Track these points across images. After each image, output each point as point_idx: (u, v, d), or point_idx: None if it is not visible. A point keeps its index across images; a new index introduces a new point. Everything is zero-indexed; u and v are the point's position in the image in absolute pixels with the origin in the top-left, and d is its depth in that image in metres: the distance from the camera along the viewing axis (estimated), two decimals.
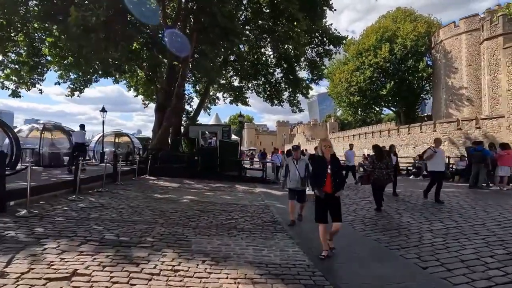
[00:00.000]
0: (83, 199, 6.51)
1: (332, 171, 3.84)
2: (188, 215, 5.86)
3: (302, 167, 5.66)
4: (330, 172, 3.83)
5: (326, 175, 3.82)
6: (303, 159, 5.93)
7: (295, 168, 5.64)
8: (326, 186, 3.81)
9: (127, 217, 5.38)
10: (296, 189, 5.70)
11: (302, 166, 5.67)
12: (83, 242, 3.79)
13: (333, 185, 3.81)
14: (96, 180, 8.54)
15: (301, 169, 5.63)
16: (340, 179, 3.94)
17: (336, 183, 3.83)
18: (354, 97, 41.18)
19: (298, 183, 5.61)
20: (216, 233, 4.76)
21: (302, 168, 5.65)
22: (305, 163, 5.71)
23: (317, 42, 18.77)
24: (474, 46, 32.47)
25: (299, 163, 5.69)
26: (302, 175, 5.60)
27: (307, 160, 5.89)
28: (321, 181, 3.84)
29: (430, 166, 7.87)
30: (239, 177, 14.45)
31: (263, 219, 6.06)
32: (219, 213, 6.32)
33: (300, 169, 5.64)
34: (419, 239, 4.63)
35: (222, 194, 9.32)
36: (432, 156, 7.61)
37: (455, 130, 23.86)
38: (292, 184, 5.69)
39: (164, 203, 6.99)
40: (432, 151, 7.65)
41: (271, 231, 5.09)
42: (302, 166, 5.68)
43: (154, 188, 9.41)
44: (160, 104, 17.28)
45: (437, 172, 7.65)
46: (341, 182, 3.94)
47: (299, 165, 5.67)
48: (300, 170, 5.62)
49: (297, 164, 5.68)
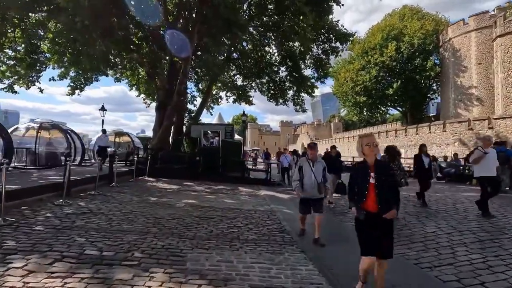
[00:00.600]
0: (71, 204, 5.92)
1: (378, 180, 2.74)
2: (185, 223, 5.25)
3: (320, 170, 4.63)
4: (374, 182, 2.75)
5: (367, 186, 2.75)
6: (320, 160, 4.85)
7: (311, 171, 4.58)
8: (367, 202, 2.73)
9: (117, 225, 4.77)
10: (312, 198, 4.63)
11: (319, 168, 4.64)
12: (57, 259, 3.19)
13: (378, 200, 2.69)
14: (89, 181, 7.97)
15: (318, 173, 4.60)
16: (391, 193, 2.77)
17: (384, 199, 2.70)
18: (359, 96, 40.37)
19: (314, 189, 4.56)
20: (216, 245, 4.13)
21: (319, 171, 4.63)
22: (322, 166, 4.72)
23: (323, 39, 18.07)
24: (484, 44, 31.57)
25: (315, 165, 4.64)
26: (319, 180, 4.58)
27: (324, 163, 4.86)
28: (360, 195, 2.79)
29: (479, 171, 6.37)
30: (242, 178, 13.84)
31: (269, 227, 5.42)
32: (220, 220, 5.70)
33: (317, 172, 4.60)
34: (452, 255, 3.97)
35: (224, 197, 8.70)
36: (481, 158, 6.20)
37: (466, 131, 23.01)
38: (308, 191, 4.58)
39: (161, 208, 6.38)
40: (481, 152, 6.24)
41: (279, 243, 4.45)
42: (320, 168, 4.65)
43: (152, 191, 8.82)
44: (161, 102, 16.71)
45: (488, 177, 6.22)
46: (393, 196, 2.78)
47: (316, 168, 4.62)
48: (317, 173, 4.58)
49: (313, 166, 4.63)
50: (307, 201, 4.67)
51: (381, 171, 2.81)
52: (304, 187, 4.58)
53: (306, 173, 4.60)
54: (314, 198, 4.64)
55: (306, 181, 4.59)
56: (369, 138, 2.99)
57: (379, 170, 2.81)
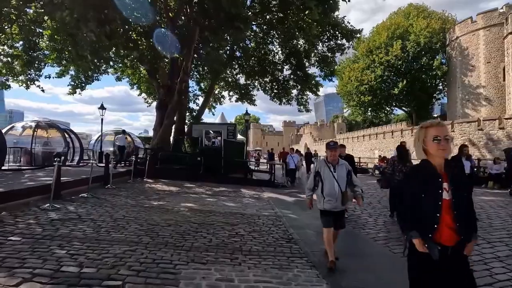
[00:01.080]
0: (58, 208, 5.44)
1: (456, 195, 1.72)
2: (182, 231, 4.75)
3: (343, 175, 3.65)
4: (450, 198, 1.71)
5: (440, 205, 1.70)
6: (343, 162, 3.77)
7: (333, 178, 3.61)
8: (441, 232, 1.69)
9: (105, 233, 4.28)
10: (334, 210, 3.64)
11: (342, 173, 3.65)
12: (26, 279, 2.70)
13: (458, 228, 1.68)
14: (82, 183, 7.51)
15: (341, 179, 3.62)
16: (470, 213, 1.80)
17: (465, 224, 1.71)
18: (364, 96, 39.72)
19: (337, 200, 3.59)
20: (215, 259, 3.62)
21: (343, 176, 3.64)
22: (346, 169, 3.70)
23: (328, 36, 17.52)
24: (493, 43, 30.81)
25: (338, 169, 3.66)
26: (344, 188, 3.61)
27: (348, 165, 3.80)
28: (429, 219, 1.72)
29: None
30: (244, 179, 13.36)
31: (274, 235, 4.91)
32: (221, 226, 5.20)
33: (341, 178, 3.62)
34: (488, 272, 3.43)
35: (225, 200, 8.20)
36: None
37: (475, 131, 22.32)
38: (329, 201, 3.59)
39: (156, 212, 5.89)
40: None
41: (287, 256, 3.93)
42: (343, 173, 3.66)
43: (149, 193, 8.33)
44: (162, 101, 16.28)
45: None
46: (472, 219, 1.81)
47: (339, 172, 3.64)
48: (340, 180, 3.61)
49: (335, 170, 3.66)
50: (329, 215, 3.68)
51: (459, 180, 1.77)
52: (325, 198, 3.60)
53: (327, 180, 3.62)
54: (337, 210, 3.64)
55: (328, 190, 3.59)
56: (439, 128, 1.78)
57: (456, 178, 1.76)
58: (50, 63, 17.11)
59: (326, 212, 3.66)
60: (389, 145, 32.34)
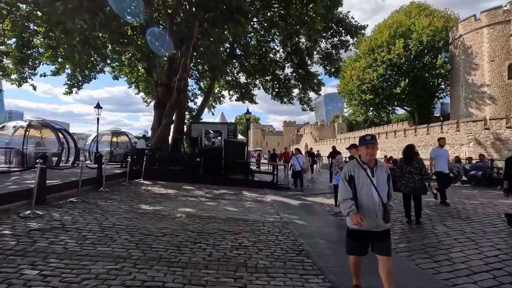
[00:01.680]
0: (41, 216, 4.89)
1: None
2: (178, 242, 4.19)
3: (383, 182, 2.69)
4: None
5: None
6: (382, 164, 2.78)
7: (371, 184, 2.64)
8: None
9: (89, 246, 3.72)
10: (375, 230, 2.63)
11: (382, 178, 2.69)
12: None
13: None
14: (72, 186, 6.95)
15: (382, 187, 2.66)
16: None
17: None
18: (366, 95, 39.17)
19: (377, 216, 2.60)
20: (216, 278, 3.07)
21: (383, 182, 2.68)
22: (386, 173, 2.74)
23: (332, 32, 16.99)
24: (497, 41, 30.31)
25: (377, 174, 2.68)
26: (385, 199, 2.65)
27: (387, 168, 2.83)
28: None
29: None
30: (246, 181, 12.81)
31: (282, 246, 4.35)
32: (223, 236, 4.65)
33: (381, 186, 2.66)
34: None
35: (226, 204, 7.65)
36: None
37: (481, 130, 21.80)
38: (367, 218, 2.59)
39: (151, 219, 5.34)
40: None
41: (300, 273, 3.38)
42: (383, 178, 2.70)
43: (145, 197, 7.78)
44: (160, 99, 15.71)
45: None
46: None
47: (378, 177, 2.68)
48: (381, 188, 2.65)
49: (373, 174, 2.68)
50: (362, 236, 2.65)
51: None
52: (360, 212, 2.60)
53: (363, 187, 2.64)
54: (378, 230, 2.62)
55: (364, 202, 2.62)
56: None
57: None
58: (45, 61, 16.59)
59: (359, 235, 2.65)
60: (392, 145, 31.83)
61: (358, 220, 2.54)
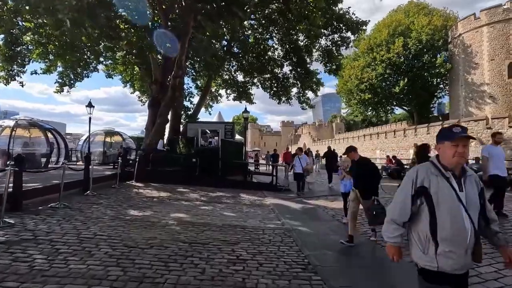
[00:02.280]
0: (12, 225, 4.32)
1: None
2: (167, 255, 3.65)
3: (475, 198, 1.69)
4: None
5: None
6: (471, 173, 1.76)
7: (458, 202, 1.63)
8: None
9: (61, 264, 3.17)
10: (458, 273, 1.65)
11: (474, 193, 1.69)
12: None
13: None
14: (54, 190, 6.36)
15: (473, 205, 1.67)
16: None
17: None
18: (364, 94, 38.81)
19: (467, 251, 1.63)
20: None
21: (474, 200, 1.68)
22: (478, 186, 1.74)
23: (332, 28, 16.51)
24: (497, 39, 30.03)
25: (467, 186, 1.68)
26: (477, 225, 1.65)
27: (478, 178, 1.76)
28: None
29: None
30: (244, 183, 12.28)
31: (286, 259, 3.82)
32: (218, 247, 4.11)
33: (472, 204, 1.66)
34: None
35: (223, 208, 7.12)
36: None
37: (483, 130, 21.42)
38: (450, 254, 1.61)
39: (138, 228, 4.79)
40: None
41: None
42: (474, 193, 1.70)
43: (135, 201, 7.22)
44: (154, 98, 15.15)
45: None
46: None
47: (468, 192, 1.67)
48: (471, 208, 1.65)
49: (460, 189, 1.66)
50: (441, 280, 1.65)
51: None
52: (441, 246, 1.62)
53: (445, 206, 1.63)
54: (461, 273, 1.67)
55: (447, 230, 1.62)
56: None
57: None
58: (35, 58, 15.98)
59: (438, 275, 1.64)
60: (391, 144, 31.42)
61: (397, 256, 1.80)
